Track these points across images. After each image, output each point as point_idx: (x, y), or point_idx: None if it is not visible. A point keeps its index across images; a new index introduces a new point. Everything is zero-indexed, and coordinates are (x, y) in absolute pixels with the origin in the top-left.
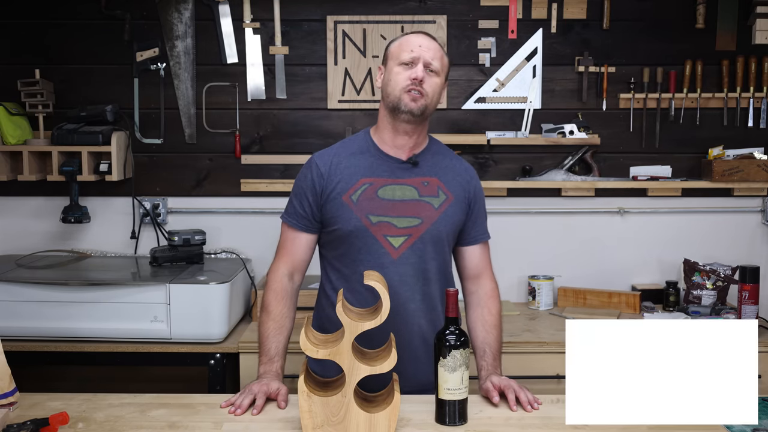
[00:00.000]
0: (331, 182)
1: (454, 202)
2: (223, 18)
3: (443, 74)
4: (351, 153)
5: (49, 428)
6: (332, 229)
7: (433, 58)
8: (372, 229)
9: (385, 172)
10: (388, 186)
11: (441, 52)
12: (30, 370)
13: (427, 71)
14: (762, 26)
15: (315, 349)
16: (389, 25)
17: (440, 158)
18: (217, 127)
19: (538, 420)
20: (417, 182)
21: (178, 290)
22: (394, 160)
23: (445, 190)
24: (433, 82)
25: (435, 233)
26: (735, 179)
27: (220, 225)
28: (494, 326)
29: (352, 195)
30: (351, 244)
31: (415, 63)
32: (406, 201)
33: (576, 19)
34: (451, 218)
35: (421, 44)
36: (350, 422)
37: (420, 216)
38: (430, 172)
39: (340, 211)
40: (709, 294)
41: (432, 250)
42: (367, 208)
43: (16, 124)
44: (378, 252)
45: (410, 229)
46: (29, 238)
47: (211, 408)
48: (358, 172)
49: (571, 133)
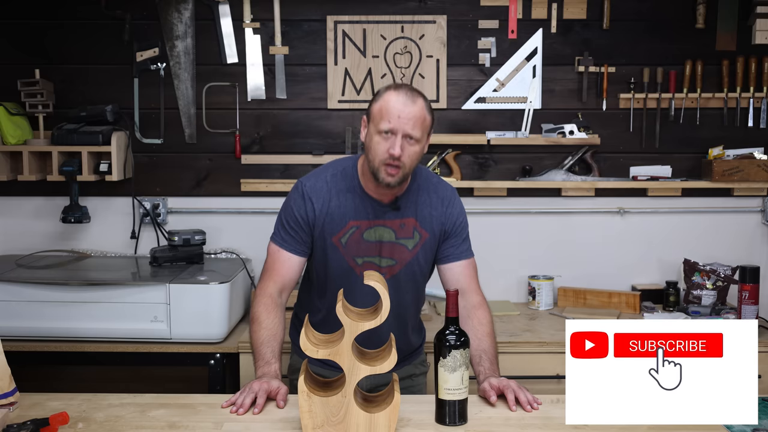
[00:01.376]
0: (323, 221)
1: (429, 239)
2: (223, 18)
3: (426, 136)
4: (339, 190)
5: (49, 428)
6: (322, 263)
7: (414, 127)
8: (357, 270)
9: (370, 214)
10: (371, 228)
11: (424, 113)
12: (30, 370)
13: (407, 140)
14: (762, 26)
15: (315, 349)
16: (389, 25)
17: (419, 195)
18: (217, 127)
19: (538, 420)
20: (395, 224)
21: (178, 290)
22: (377, 203)
23: (420, 230)
24: (413, 151)
25: (409, 273)
26: (735, 179)
27: (220, 225)
28: (487, 334)
29: (341, 238)
30: (335, 279)
31: (394, 134)
32: (384, 242)
33: (576, 19)
34: (425, 256)
35: (401, 114)
36: (350, 422)
37: (394, 258)
38: (408, 213)
39: (330, 252)
40: (709, 294)
41: (405, 285)
42: (354, 251)
43: (16, 124)
44: (360, 286)
45: (387, 269)
46: (29, 238)
47: (211, 408)
48: (347, 214)
49: (571, 133)
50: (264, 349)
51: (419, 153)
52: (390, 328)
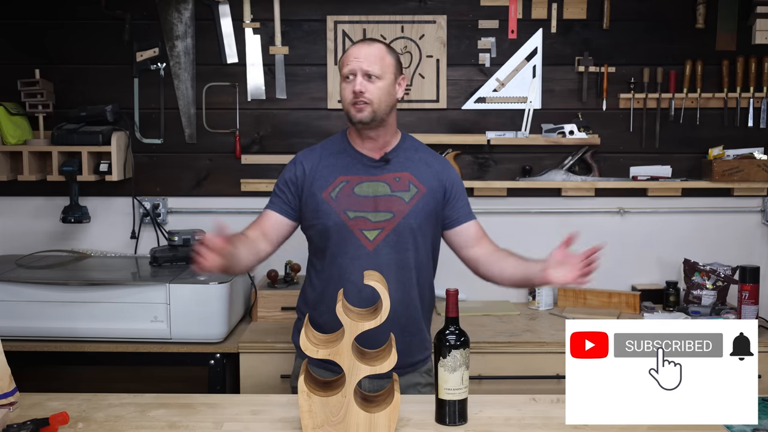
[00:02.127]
0: (312, 179)
1: (427, 193)
2: (223, 18)
3: (389, 74)
4: (331, 153)
5: (49, 428)
6: (313, 223)
7: (371, 64)
8: (349, 224)
9: (360, 170)
10: (363, 183)
11: (382, 52)
12: (30, 370)
13: (369, 78)
14: (762, 26)
15: (315, 349)
16: (389, 25)
17: (412, 153)
18: (217, 127)
19: (538, 420)
20: (389, 178)
21: (178, 290)
22: (368, 159)
23: (416, 183)
24: (376, 87)
25: (406, 225)
26: (735, 179)
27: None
28: (517, 256)
29: (331, 192)
30: (329, 237)
31: (354, 74)
32: (379, 196)
33: (576, 19)
34: (423, 209)
35: (357, 55)
36: (350, 422)
37: (392, 210)
38: (402, 168)
39: (320, 207)
40: (709, 294)
41: (405, 240)
42: (345, 205)
43: (16, 124)
44: (355, 244)
45: (383, 223)
46: (29, 238)
47: (211, 408)
48: (336, 170)
49: (571, 133)
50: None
51: (385, 89)
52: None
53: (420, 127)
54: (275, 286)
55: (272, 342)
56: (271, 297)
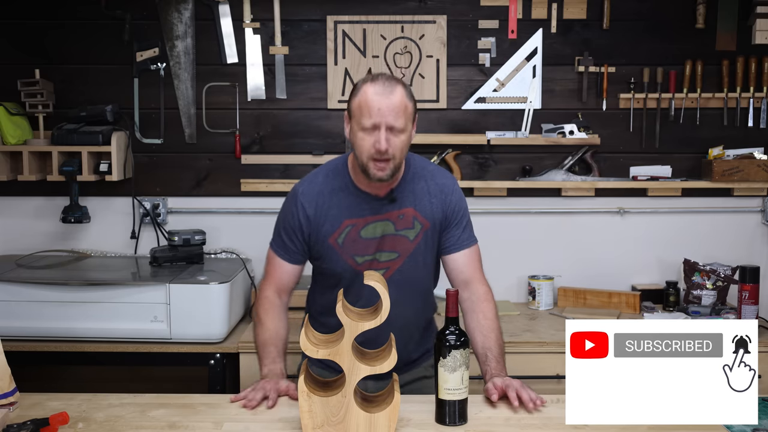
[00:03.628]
0: (318, 225)
1: (431, 228)
2: (223, 18)
3: (410, 123)
4: (332, 190)
5: (49, 428)
6: (323, 266)
7: (396, 118)
8: (358, 269)
9: (366, 211)
10: (369, 225)
11: (404, 101)
12: (30, 370)
13: (391, 132)
14: (762, 26)
15: (315, 349)
16: (389, 25)
17: (415, 184)
18: (217, 127)
19: (538, 420)
20: (394, 216)
21: (178, 290)
22: (372, 198)
23: (420, 219)
24: (399, 141)
25: (411, 264)
26: (735, 179)
27: (220, 225)
28: (492, 329)
29: (337, 238)
30: (339, 280)
31: (377, 128)
32: (386, 236)
33: (576, 19)
34: (426, 245)
35: (381, 107)
36: (350, 422)
37: (396, 250)
38: (406, 203)
39: (328, 253)
40: (709, 294)
41: (410, 277)
42: (352, 250)
43: (16, 124)
44: (362, 284)
45: (389, 263)
46: (29, 238)
47: (211, 408)
48: (341, 213)
49: (571, 133)
50: (269, 348)
51: (406, 142)
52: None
53: (420, 127)
54: None
55: None
56: None
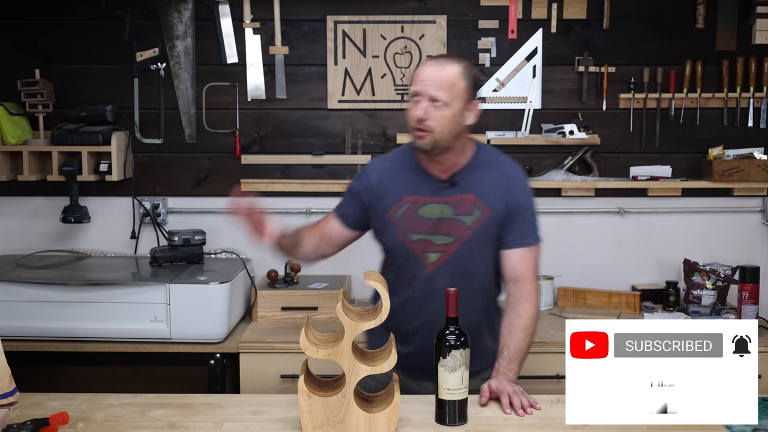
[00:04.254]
0: (379, 197)
1: (491, 217)
2: (223, 18)
3: (457, 101)
4: (400, 166)
5: (49, 428)
6: (381, 240)
7: (438, 89)
8: (411, 246)
9: (426, 191)
10: (428, 205)
11: (454, 78)
12: (30, 370)
13: (433, 104)
14: (762, 26)
15: (315, 349)
16: (389, 25)
17: (481, 172)
18: (217, 127)
19: (538, 420)
20: (453, 200)
21: (178, 290)
22: (435, 179)
23: (481, 206)
24: (440, 115)
25: (467, 251)
26: (735, 179)
27: (220, 225)
28: (520, 329)
29: (396, 212)
30: (393, 255)
31: (420, 98)
32: (443, 219)
33: (576, 19)
34: (485, 234)
35: (427, 77)
36: (350, 422)
37: (453, 234)
38: (468, 189)
39: (385, 227)
40: (709, 294)
41: (465, 265)
42: (408, 227)
43: (16, 124)
44: (416, 266)
45: (445, 246)
46: (29, 238)
47: (211, 408)
48: (403, 189)
49: (571, 133)
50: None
51: (450, 118)
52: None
53: None
54: (275, 286)
55: (272, 342)
56: (271, 297)
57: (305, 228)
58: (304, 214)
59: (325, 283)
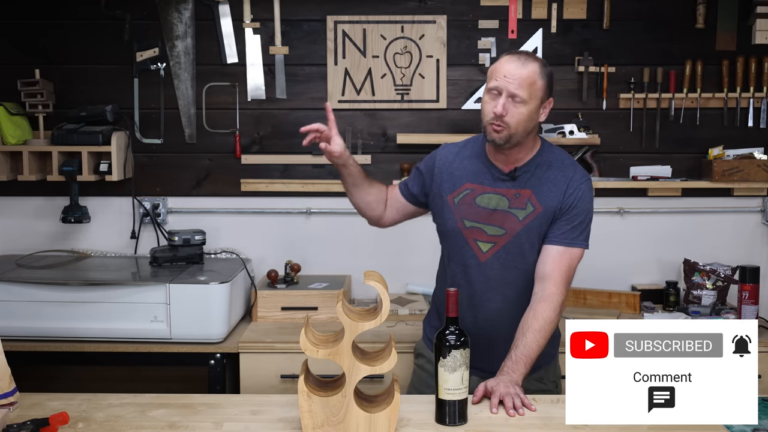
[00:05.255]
0: (441, 180)
1: (542, 214)
2: (223, 18)
3: (535, 100)
4: (468, 155)
5: (49, 428)
6: (437, 222)
7: (519, 87)
8: (464, 232)
9: (487, 181)
10: (486, 194)
11: (534, 76)
12: (30, 370)
13: (512, 101)
14: (762, 26)
15: (315, 349)
16: (389, 25)
17: (543, 170)
18: (217, 127)
19: (538, 420)
20: (510, 193)
21: (178, 290)
22: (497, 170)
23: (534, 202)
24: (518, 112)
25: (517, 244)
26: (735, 179)
27: (220, 225)
28: (532, 329)
29: (455, 197)
30: (447, 238)
31: (499, 92)
32: (498, 210)
33: (576, 19)
34: (536, 230)
35: (507, 74)
36: (350, 422)
37: (504, 227)
38: (526, 185)
39: (443, 209)
40: (709, 294)
41: (514, 259)
42: (464, 213)
43: (16, 124)
44: (468, 253)
45: (496, 238)
46: (29, 238)
47: (211, 408)
48: (464, 175)
49: (571, 133)
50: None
51: (527, 115)
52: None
53: (420, 127)
54: (275, 286)
55: (272, 342)
56: (271, 297)
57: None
58: (304, 214)
59: (325, 283)
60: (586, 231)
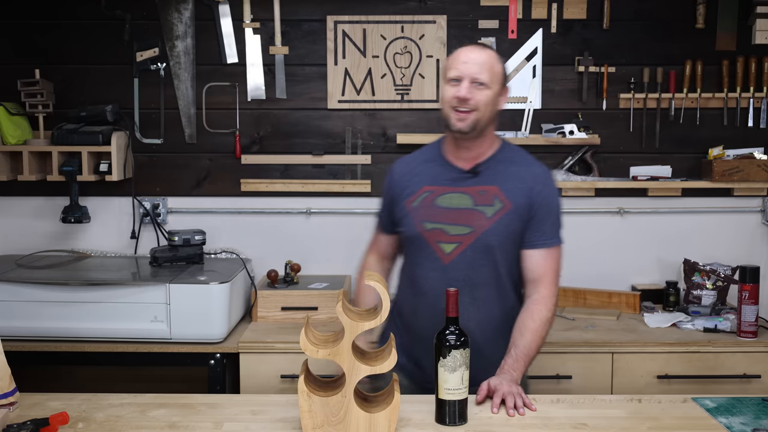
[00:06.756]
0: (400, 189)
1: (512, 210)
2: (223, 18)
3: (496, 84)
4: (423, 160)
5: (49, 428)
6: (399, 230)
7: (481, 71)
8: (425, 235)
9: (446, 181)
10: (446, 194)
11: (492, 60)
12: (30, 370)
13: (476, 85)
14: (762, 26)
15: (315, 349)
16: (389, 25)
17: (505, 165)
18: (217, 127)
19: (538, 420)
20: (474, 191)
21: (178, 290)
22: (456, 170)
23: (502, 198)
24: (483, 95)
25: (485, 242)
26: (735, 179)
27: (220, 225)
28: (530, 330)
29: (413, 202)
30: (409, 245)
31: (461, 80)
32: (460, 209)
33: (576, 19)
34: (506, 227)
35: (467, 60)
36: (350, 422)
37: (471, 225)
38: (490, 181)
39: (403, 216)
40: (709, 294)
41: (482, 257)
42: (423, 216)
43: (16, 124)
44: (430, 257)
45: (461, 237)
46: (29, 238)
47: (211, 408)
48: (422, 180)
49: (571, 133)
50: None
51: (491, 99)
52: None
53: (420, 127)
54: (275, 286)
55: (272, 342)
56: (271, 297)
57: (370, 261)
58: (304, 214)
59: (325, 283)
60: (560, 225)
